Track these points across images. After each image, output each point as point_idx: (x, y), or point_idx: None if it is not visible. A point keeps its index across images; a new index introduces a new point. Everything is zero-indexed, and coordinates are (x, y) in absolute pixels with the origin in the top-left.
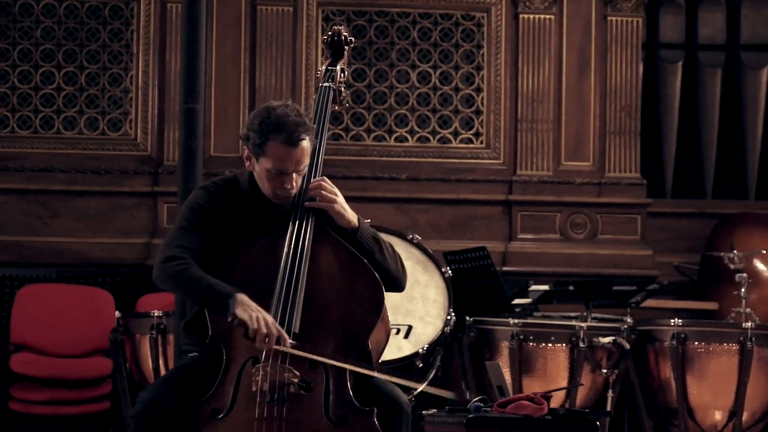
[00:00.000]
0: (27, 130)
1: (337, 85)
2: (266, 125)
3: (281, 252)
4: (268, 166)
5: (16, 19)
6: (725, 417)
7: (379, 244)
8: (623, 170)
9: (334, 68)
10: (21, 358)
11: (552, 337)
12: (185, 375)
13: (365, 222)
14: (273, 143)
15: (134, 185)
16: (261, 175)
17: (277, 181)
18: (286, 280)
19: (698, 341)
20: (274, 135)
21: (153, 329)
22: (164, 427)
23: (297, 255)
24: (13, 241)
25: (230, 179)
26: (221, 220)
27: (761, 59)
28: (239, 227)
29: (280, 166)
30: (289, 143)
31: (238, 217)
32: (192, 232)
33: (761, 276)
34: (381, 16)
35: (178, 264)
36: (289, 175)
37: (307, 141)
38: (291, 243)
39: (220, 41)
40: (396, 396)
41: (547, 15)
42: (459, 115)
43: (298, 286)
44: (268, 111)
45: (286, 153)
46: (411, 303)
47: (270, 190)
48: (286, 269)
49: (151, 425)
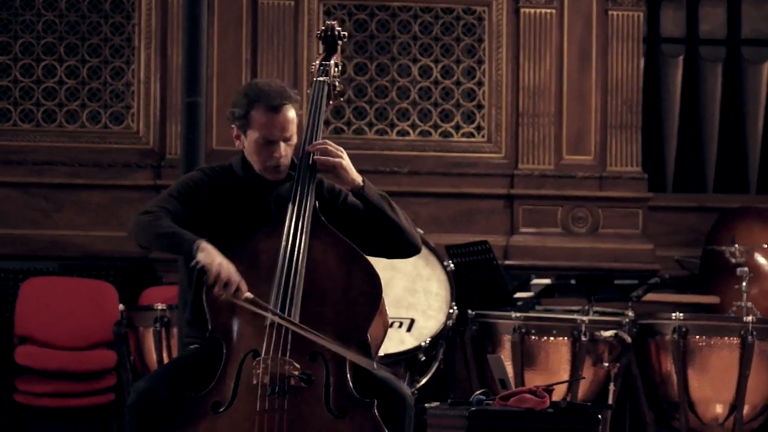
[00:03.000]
0: (29, 123)
1: (331, 80)
2: (248, 97)
3: (280, 244)
4: (255, 136)
5: (17, 13)
6: (726, 410)
7: (388, 201)
8: (624, 164)
9: (328, 63)
10: (25, 350)
11: (554, 330)
12: (181, 366)
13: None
14: (256, 112)
15: (137, 179)
16: (250, 149)
17: (266, 151)
18: (285, 271)
19: (699, 335)
20: (257, 104)
21: (156, 322)
22: (157, 417)
23: (295, 247)
24: (17, 235)
25: (225, 165)
26: (215, 202)
27: (762, 54)
28: (234, 210)
29: (266, 134)
30: (271, 109)
31: (233, 200)
32: (176, 199)
33: (762, 270)
34: (382, 10)
35: (149, 216)
36: (277, 143)
37: (291, 110)
38: (289, 235)
39: (221, 35)
40: (399, 389)
41: (548, 9)
42: (460, 109)
43: (297, 277)
44: (250, 85)
45: (270, 119)
46: (413, 296)
47: (260, 164)
48: (284, 261)
49: (144, 414)
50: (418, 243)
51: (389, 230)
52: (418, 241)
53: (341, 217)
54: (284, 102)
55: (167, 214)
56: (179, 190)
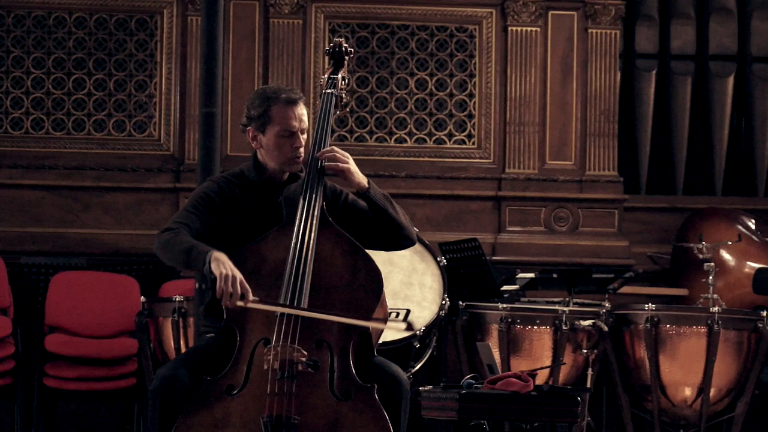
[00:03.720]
0: (60, 131)
1: (338, 92)
2: (264, 97)
3: (290, 242)
4: (276, 130)
5: (50, 30)
6: (694, 393)
7: (390, 201)
8: (602, 169)
9: (336, 76)
10: (55, 338)
11: (537, 320)
12: (200, 354)
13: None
14: (275, 107)
15: (158, 182)
16: (270, 146)
17: (288, 144)
18: (295, 265)
19: (670, 324)
20: (275, 100)
21: (174, 313)
22: (179, 401)
23: (304, 243)
24: (48, 233)
25: (235, 171)
26: (228, 208)
27: (727, 68)
28: (246, 212)
29: (286, 125)
30: (289, 102)
31: (245, 203)
32: (192, 213)
33: (727, 265)
34: (382, 28)
35: (169, 233)
36: (296, 135)
37: (303, 106)
38: (299, 233)
39: (236, 51)
40: (396, 374)
41: (533, 27)
42: (453, 118)
43: (306, 270)
44: (262, 88)
45: (289, 111)
46: (409, 289)
47: (282, 157)
48: (294, 258)
49: (166, 399)
50: (414, 237)
51: (391, 226)
52: (414, 236)
53: (343, 215)
54: (299, 97)
55: (185, 228)
56: (194, 204)
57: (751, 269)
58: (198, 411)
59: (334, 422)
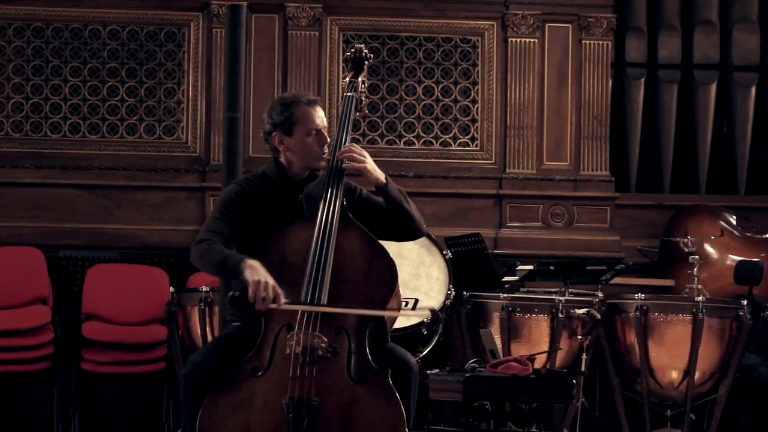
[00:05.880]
0: (96, 135)
1: (358, 95)
2: (285, 103)
3: (311, 235)
4: (303, 129)
5: (87, 42)
6: (680, 376)
7: (405, 196)
8: (595, 169)
9: (356, 80)
10: (91, 326)
11: (535, 308)
12: (228, 341)
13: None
14: (298, 109)
15: (185, 181)
16: (298, 147)
17: (315, 141)
18: (316, 259)
19: (658, 312)
20: (296, 104)
21: (201, 302)
22: (209, 384)
23: (326, 237)
24: (84, 228)
25: (259, 173)
26: (252, 208)
27: (710, 76)
28: (269, 210)
29: (312, 124)
30: (311, 103)
31: (268, 202)
32: (221, 220)
33: (710, 258)
34: (392, 39)
35: (204, 244)
36: (322, 132)
37: (321, 106)
38: (320, 228)
39: (257, 60)
40: (406, 359)
41: (531, 39)
42: (457, 122)
43: (327, 264)
44: (279, 97)
45: (312, 111)
46: (417, 280)
47: (312, 155)
48: (316, 250)
49: (198, 383)
50: (424, 229)
51: (405, 219)
52: (424, 228)
53: (358, 209)
54: (317, 98)
55: (217, 237)
56: (221, 210)
57: (732, 261)
58: (225, 390)
59: (351, 404)
